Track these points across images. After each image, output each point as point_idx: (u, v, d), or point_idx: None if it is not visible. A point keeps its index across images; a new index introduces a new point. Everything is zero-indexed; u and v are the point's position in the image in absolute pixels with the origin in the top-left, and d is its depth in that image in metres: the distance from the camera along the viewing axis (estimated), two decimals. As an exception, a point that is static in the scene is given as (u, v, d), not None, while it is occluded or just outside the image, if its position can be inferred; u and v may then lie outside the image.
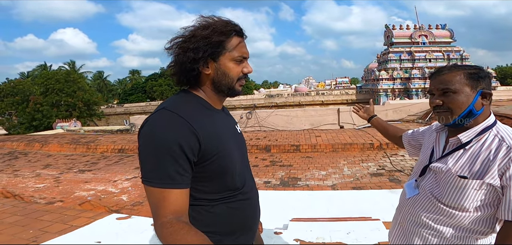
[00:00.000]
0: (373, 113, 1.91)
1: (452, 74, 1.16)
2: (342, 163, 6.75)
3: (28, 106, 24.56)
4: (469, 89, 1.13)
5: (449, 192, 1.18)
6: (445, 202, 1.19)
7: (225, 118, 1.18)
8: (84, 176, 6.81)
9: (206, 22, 1.05)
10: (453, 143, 1.21)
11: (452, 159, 1.18)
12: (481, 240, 1.20)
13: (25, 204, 4.04)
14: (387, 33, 31.22)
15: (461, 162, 1.16)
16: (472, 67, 1.17)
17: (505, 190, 1.08)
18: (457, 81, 1.14)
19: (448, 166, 1.18)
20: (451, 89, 1.14)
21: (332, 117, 13.73)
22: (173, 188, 0.95)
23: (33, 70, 52.55)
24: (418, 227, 1.27)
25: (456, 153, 1.18)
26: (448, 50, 29.21)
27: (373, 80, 31.29)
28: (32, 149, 10.61)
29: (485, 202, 1.14)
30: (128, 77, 68.23)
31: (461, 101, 1.13)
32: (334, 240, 2.69)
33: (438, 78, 1.19)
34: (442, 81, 1.17)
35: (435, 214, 1.22)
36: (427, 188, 1.26)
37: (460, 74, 1.15)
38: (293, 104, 32.63)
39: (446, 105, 1.16)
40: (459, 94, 1.13)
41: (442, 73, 1.18)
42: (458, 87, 1.13)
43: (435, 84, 1.20)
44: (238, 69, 1.08)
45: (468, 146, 1.16)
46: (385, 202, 3.98)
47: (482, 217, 1.16)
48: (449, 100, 1.15)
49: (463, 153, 1.17)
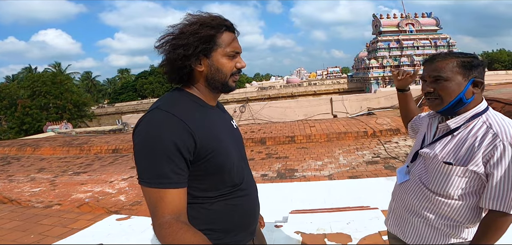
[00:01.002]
0: (409, 84, 1.60)
1: (445, 62, 1.16)
2: (338, 152, 6.82)
3: (16, 110, 24.13)
4: (461, 78, 1.13)
5: (434, 178, 1.19)
6: (431, 188, 1.20)
7: (220, 114, 1.18)
8: (80, 178, 6.75)
9: (194, 18, 1.05)
10: (442, 129, 1.22)
11: (440, 145, 1.19)
12: (468, 230, 1.21)
13: (23, 209, 4.00)
14: (375, 22, 31.38)
15: (448, 148, 1.17)
16: (466, 55, 1.17)
17: (489, 178, 1.09)
18: (449, 69, 1.14)
19: (435, 152, 1.19)
20: (443, 76, 1.14)
21: (325, 107, 13.82)
22: (170, 187, 0.94)
23: (18, 73, 51.50)
24: (409, 214, 1.28)
25: (444, 139, 1.19)
26: (435, 38, 29.51)
27: (363, 69, 31.47)
28: (25, 153, 10.46)
29: (469, 190, 1.15)
30: (117, 76, 67.27)
31: (452, 89, 1.14)
32: (334, 231, 2.73)
33: (431, 65, 1.19)
34: (435, 68, 1.17)
35: (423, 201, 1.23)
36: (417, 174, 1.27)
37: (453, 62, 1.15)
38: (286, 95, 32.63)
39: (436, 92, 1.17)
40: (450, 82, 1.14)
41: (435, 60, 1.19)
42: (450, 75, 1.14)
43: (428, 70, 1.21)
44: (231, 64, 1.08)
45: (456, 133, 1.17)
46: (382, 190, 4.05)
47: (467, 205, 1.16)
48: (440, 87, 1.16)
49: (451, 139, 1.17)
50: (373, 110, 13.95)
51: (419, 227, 1.25)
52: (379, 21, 30.78)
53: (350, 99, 14.75)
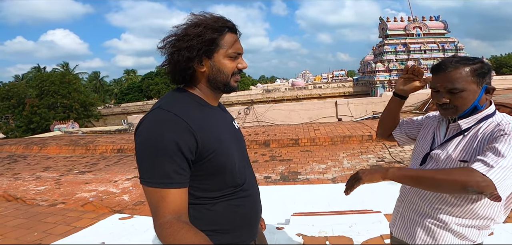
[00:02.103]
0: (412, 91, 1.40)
1: (458, 71, 1.14)
2: (342, 155, 6.79)
3: (24, 109, 24.45)
4: (475, 86, 1.13)
5: None
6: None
7: (222, 114, 1.18)
8: (85, 177, 6.81)
9: (198, 19, 1.05)
10: (453, 128, 1.22)
11: (452, 145, 1.19)
12: (482, 230, 1.20)
13: (28, 207, 4.05)
14: (382, 25, 31.29)
15: (460, 148, 1.17)
16: (476, 62, 1.15)
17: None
18: (463, 79, 1.13)
19: (448, 152, 1.19)
20: (458, 88, 1.13)
21: (330, 110, 13.78)
22: (171, 187, 0.94)
23: (27, 72, 52.28)
24: (421, 217, 1.27)
25: (455, 139, 1.19)
26: (442, 41, 29.32)
27: (369, 72, 31.36)
28: (31, 152, 10.58)
29: None
30: (124, 76, 67.89)
31: (468, 99, 1.13)
32: (336, 234, 2.71)
33: (444, 75, 1.16)
34: (449, 79, 1.14)
35: (438, 204, 1.22)
36: None
37: (466, 71, 1.13)
38: (290, 98, 32.66)
39: (452, 103, 1.16)
40: (465, 92, 1.13)
41: (448, 70, 1.15)
42: (465, 85, 1.13)
43: (440, 81, 1.17)
44: (233, 65, 1.08)
45: (466, 133, 1.17)
46: (386, 194, 4.00)
47: (483, 204, 1.16)
48: (456, 98, 1.14)
49: (462, 139, 1.18)
50: (379, 114, 13.86)
51: (433, 229, 1.24)
52: (385, 24, 30.66)
53: (355, 103, 14.68)
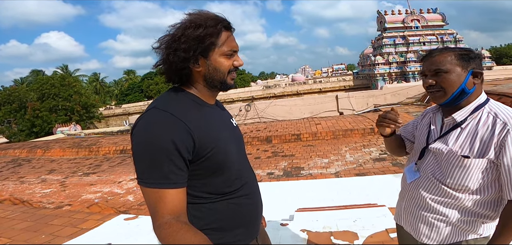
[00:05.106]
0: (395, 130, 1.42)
1: (443, 55, 1.19)
2: (344, 149, 6.80)
3: (26, 113, 24.48)
4: (460, 69, 1.17)
5: (452, 173, 1.19)
6: (448, 184, 1.20)
7: (220, 112, 1.17)
8: (89, 178, 6.85)
9: (193, 19, 1.04)
10: (449, 123, 1.24)
11: (451, 138, 1.20)
12: (484, 225, 1.21)
13: (35, 210, 4.08)
14: (380, 18, 31.20)
15: (460, 141, 1.18)
16: (462, 49, 1.21)
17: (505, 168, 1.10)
18: (448, 61, 1.17)
19: (449, 146, 1.20)
20: (443, 69, 1.17)
21: (331, 104, 13.78)
22: (169, 187, 0.94)
23: (26, 76, 52.35)
24: (423, 211, 1.28)
25: (453, 132, 1.21)
26: (441, 33, 29.26)
27: (369, 66, 31.30)
28: (35, 155, 10.63)
29: (487, 181, 1.15)
30: (124, 77, 67.86)
31: (453, 80, 1.16)
32: (341, 229, 2.72)
33: (430, 60, 1.22)
34: (434, 62, 1.20)
35: (439, 197, 1.23)
36: (429, 171, 1.27)
37: (451, 55, 1.18)
38: (291, 93, 32.62)
39: (438, 84, 1.19)
40: (450, 74, 1.17)
41: (433, 55, 1.22)
42: (450, 67, 1.17)
43: (427, 65, 1.24)
44: (229, 63, 1.08)
45: (464, 125, 1.19)
46: (389, 187, 4.03)
47: (486, 199, 1.17)
48: (441, 79, 1.18)
49: (461, 132, 1.19)
50: (380, 106, 13.86)
51: (435, 223, 1.25)
52: (383, 17, 30.57)
53: (356, 96, 14.68)
